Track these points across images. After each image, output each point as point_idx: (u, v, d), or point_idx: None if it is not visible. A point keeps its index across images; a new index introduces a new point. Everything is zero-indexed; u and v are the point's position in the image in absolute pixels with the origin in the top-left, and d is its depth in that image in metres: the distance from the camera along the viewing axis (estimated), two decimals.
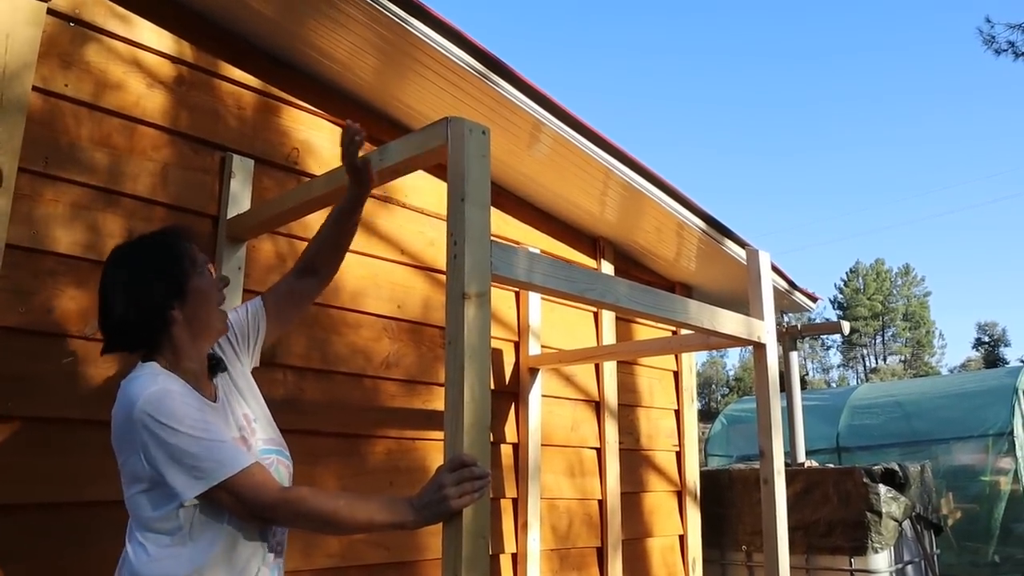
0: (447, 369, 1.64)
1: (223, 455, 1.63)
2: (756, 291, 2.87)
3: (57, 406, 2.17)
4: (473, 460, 1.59)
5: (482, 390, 1.63)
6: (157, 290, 1.70)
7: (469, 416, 1.61)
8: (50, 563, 2.10)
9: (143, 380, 1.68)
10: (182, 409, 1.65)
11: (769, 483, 2.80)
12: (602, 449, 3.91)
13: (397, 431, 2.96)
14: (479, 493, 1.59)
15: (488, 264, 1.72)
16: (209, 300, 1.76)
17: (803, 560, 4.60)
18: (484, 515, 1.61)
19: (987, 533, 9.59)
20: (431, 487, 1.60)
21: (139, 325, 1.71)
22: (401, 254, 3.11)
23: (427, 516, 1.61)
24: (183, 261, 1.74)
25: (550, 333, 3.74)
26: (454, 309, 1.66)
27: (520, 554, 3.39)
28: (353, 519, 1.63)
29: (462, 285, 1.66)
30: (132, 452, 1.64)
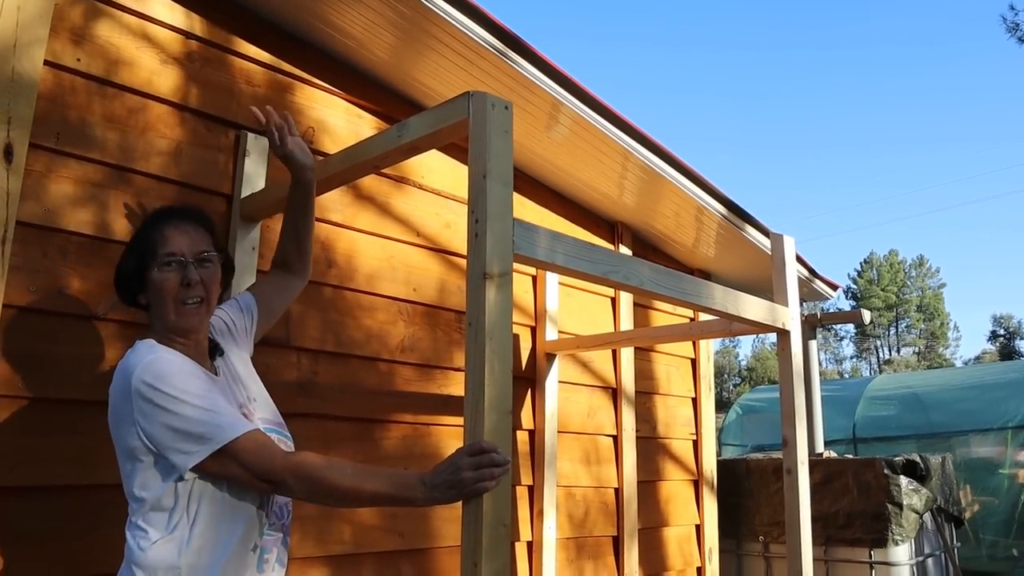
0: (467, 351, 1.59)
1: (224, 420, 1.60)
2: (780, 277, 2.81)
3: (69, 387, 2.13)
4: (494, 447, 1.54)
5: (503, 373, 1.57)
6: (122, 265, 1.78)
7: (490, 400, 1.55)
8: (61, 546, 2.07)
9: (140, 351, 1.67)
10: (181, 376, 1.63)
11: (792, 473, 2.74)
12: (619, 437, 3.86)
13: (412, 416, 2.91)
14: (497, 481, 1.54)
15: (511, 243, 1.66)
16: (162, 302, 1.72)
17: (821, 552, 4.53)
18: (504, 503, 1.56)
19: (1006, 527, 9.49)
20: (447, 467, 1.55)
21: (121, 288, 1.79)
22: (417, 236, 3.05)
23: (438, 495, 1.55)
24: (147, 248, 1.73)
25: (567, 319, 3.68)
26: (475, 289, 1.61)
27: (536, 542, 3.34)
28: (359, 488, 1.59)
29: (483, 264, 1.60)
30: (129, 426, 1.61)
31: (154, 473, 1.63)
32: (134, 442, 1.62)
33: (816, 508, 4.51)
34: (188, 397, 1.60)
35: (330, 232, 2.78)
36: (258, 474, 1.59)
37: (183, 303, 1.72)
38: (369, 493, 1.60)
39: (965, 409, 10.22)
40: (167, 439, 1.58)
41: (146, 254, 1.72)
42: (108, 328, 2.23)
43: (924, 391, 11.07)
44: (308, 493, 1.63)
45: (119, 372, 1.68)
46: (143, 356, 1.65)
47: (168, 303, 1.72)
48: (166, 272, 1.71)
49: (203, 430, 1.58)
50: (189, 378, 1.65)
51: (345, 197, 2.84)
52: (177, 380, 1.62)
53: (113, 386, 1.68)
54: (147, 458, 1.62)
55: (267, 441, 1.63)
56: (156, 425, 1.58)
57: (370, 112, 2.99)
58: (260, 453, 1.60)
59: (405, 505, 1.64)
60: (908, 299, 59.06)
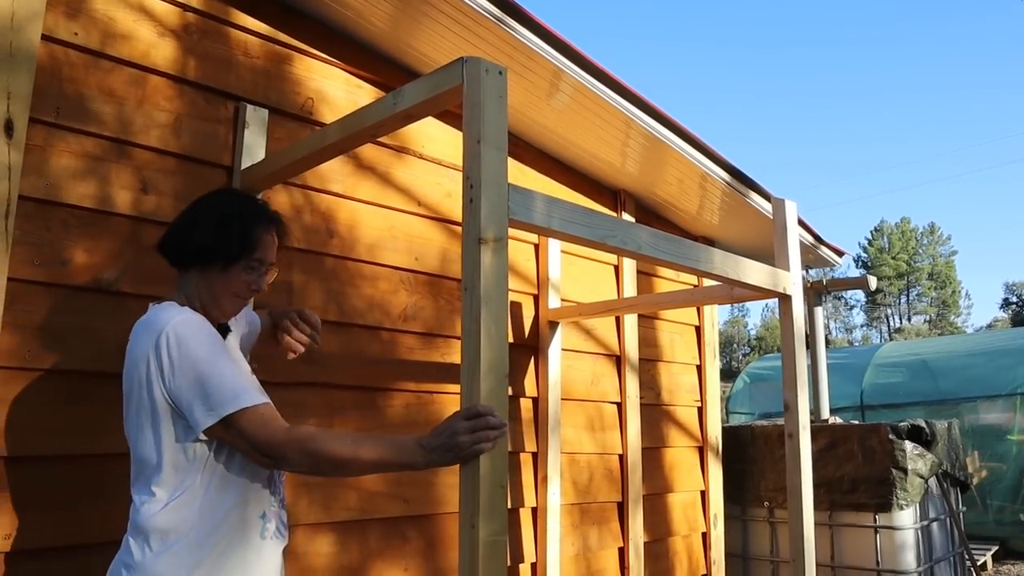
0: (463, 316, 1.60)
1: (241, 388, 1.63)
2: (782, 241, 2.80)
3: (75, 359, 2.15)
4: (489, 410, 1.56)
5: (499, 337, 1.58)
6: (204, 240, 1.77)
7: (486, 364, 1.57)
8: (72, 513, 2.10)
9: (169, 310, 1.72)
10: (207, 337, 1.68)
11: (794, 437, 2.75)
12: (623, 404, 3.88)
13: (415, 384, 2.93)
14: (493, 443, 1.56)
15: (505, 208, 1.66)
16: (224, 292, 1.81)
17: (826, 517, 4.57)
18: (502, 464, 1.58)
19: (1013, 492, 9.52)
20: (444, 430, 1.57)
21: (178, 250, 1.81)
22: (418, 206, 3.06)
23: (437, 459, 1.58)
24: (245, 243, 1.79)
25: (570, 287, 3.69)
26: (470, 254, 1.62)
27: (540, 508, 3.38)
28: (360, 457, 1.61)
29: (479, 230, 1.61)
30: (150, 382, 1.65)
31: (171, 432, 1.66)
32: (154, 399, 1.65)
33: (821, 474, 4.54)
34: (214, 360, 1.64)
35: (331, 203, 2.79)
36: (261, 447, 1.61)
37: (238, 297, 1.84)
38: (370, 461, 1.63)
39: (974, 376, 10.21)
40: (189, 397, 1.62)
41: (242, 248, 1.79)
42: (112, 300, 2.25)
43: (932, 358, 11.05)
44: (311, 466, 1.66)
45: (144, 328, 1.72)
46: (173, 315, 1.70)
47: (229, 295, 1.82)
48: (249, 274, 1.82)
49: (221, 394, 1.61)
50: (216, 344, 1.70)
51: (346, 167, 2.85)
52: (207, 341, 1.67)
53: (134, 343, 1.72)
54: (165, 416, 1.66)
55: (275, 416, 1.66)
56: (181, 381, 1.62)
57: (369, 82, 2.99)
58: (266, 426, 1.62)
59: (405, 470, 1.66)
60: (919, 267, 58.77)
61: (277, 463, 1.65)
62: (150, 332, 1.68)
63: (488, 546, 1.53)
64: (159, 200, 2.37)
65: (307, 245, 2.70)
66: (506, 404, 1.59)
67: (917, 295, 60.09)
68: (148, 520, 1.66)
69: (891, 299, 60.98)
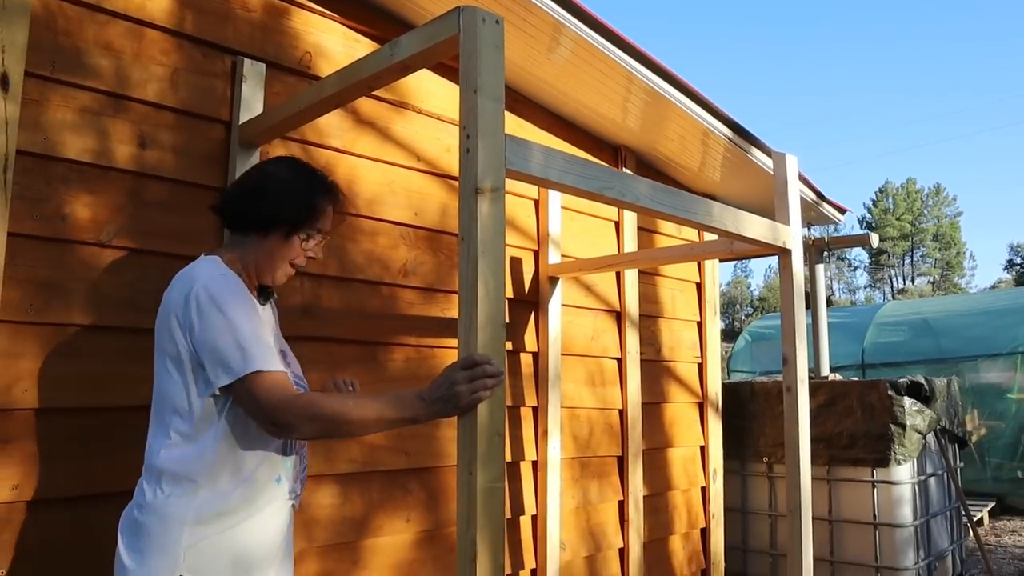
0: (460, 266, 1.61)
1: (260, 353, 1.66)
2: (782, 196, 2.79)
3: (77, 313, 2.17)
4: (486, 359, 1.57)
5: (496, 287, 1.59)
6: (272, 209, 1.83)
7: (483, 314, 1.58)
8: (78, 465, 2.14)
9: (209, 265, 1.77)
10: (241, 300, 1.71)
11: (792, 391, 2.77)
12: (623, 359, 3.90)
13: (416, 339, 2.95)
14: (491, 391, 1.57)
15: (502, 158, 1.66)
16: (284, 257, 1.88)
17: (824, 472, 4.62)
18: (499, 413, 1.60)
19: (1011, 450, 9.59)
20: (442, 382, 1.59)
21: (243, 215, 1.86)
22: (417, 161, 3.05)
23: (437, 410, 1.61)
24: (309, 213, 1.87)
25: (570, 243, 3.69)
26: (467, 205, 1.62)
27: (540, 462, 3.41)
28: (363, 417, 1.64)
29: (475, 180, 1.61)
30: (178, 331, 1.69)
31: (192, 383, 1.70)
32: (179, 348, 1.69)
33: (820, 429, 4.58)
34: (240, 321, 1.67)
35: (330, 158, 2.78)
36: (268, 412, 1.63)
37: (293, 265, 1.91)
38: (373, 419, 1.65)
39: (975, 335, 10.23)
40: (211, 353, 1.65)
41: (306, 218, 1.87)
42: (114, 255, 2.26)
43: (934, 317, 11.07)
44: (319, 432, 1.68)
45: (181, 279, 1.77)
46: (212, 270, 1.75)
47: (283, 262, 1.89)
48: (307, 242, 1.90)
49: (240, 356, 1.64)
50: (247, 305, 1.73)
51: (345, 122, 2.84)
52: (238, 302, 1.70)
53: (171, 291, 1.77)
54: (189, 366, 1.69)
55: (287, 384, 1.68)
56: (206, 335, 1.65)
57: (367, 36, 2.96)
58: (276, 392, 1.64)
59: (409, 424, 1.68)
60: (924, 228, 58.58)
61: (283, 430, 1.66)
62: (185, 283, 1.73)
63: (486, 492, 1.56)
64: (158, 155, 2.36)
65: None
66: (503, 353, 1.60)
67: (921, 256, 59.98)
68: (163, 462, 1.71)
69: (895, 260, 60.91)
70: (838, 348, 9.20)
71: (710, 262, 4.60)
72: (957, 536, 5.29)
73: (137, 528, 1.71)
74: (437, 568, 2.98)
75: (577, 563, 3.62)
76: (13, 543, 2.01)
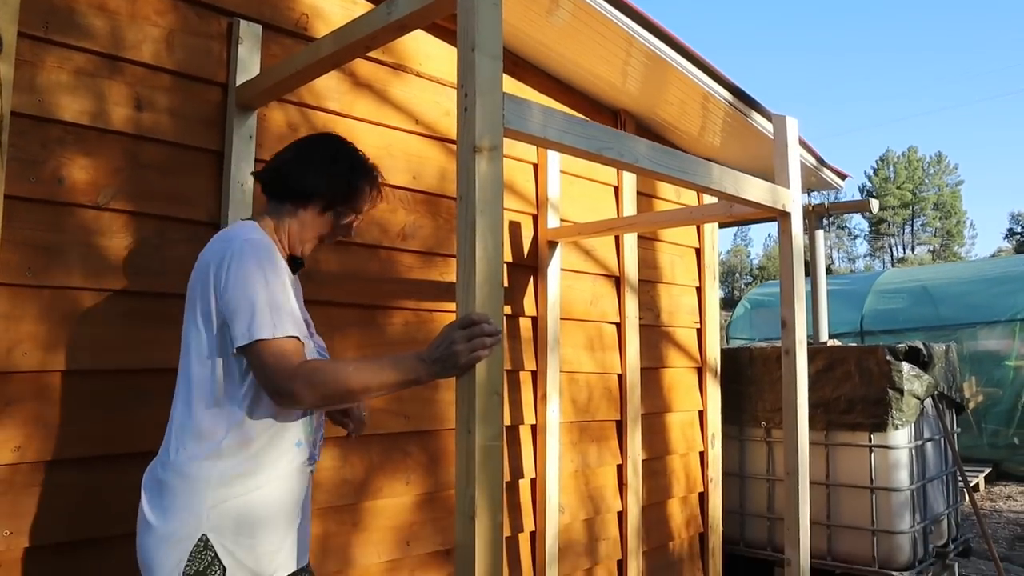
0: (458, 226, 1.60)
1: (269, 318, 1.66)
2: (782, 158, 2.78)
3: (75, 276, 2.17)
4: (484, 317, 1.57)
5: (494, 246, 1.59)
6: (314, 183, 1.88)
7: (481, 273, 1.57)
8: (80, 428, 2.15)
9: (246, 229, 1.81)
10: (267, 263, 1.73)
11: (791, 354, 2.77)
12: (622, 324, 3.91)
13: (415, 303, 2.95)
14: (490, 350, 1.58)
15: (500, 116, 1.65)
16: (316, 231, 1.93)
17: (822, 437, 4.64)
18: (498, 372, 1.60)
19: (1008, 416, 9.66)
20: (441, 342, 1.59)
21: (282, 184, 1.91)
22: (416, 124, 3.03)
23: (437, 371, 1.61)
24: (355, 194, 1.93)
25: (569, 207, 3.68)
26: (465, 164, 1.61)
27: (539, 425, 3.43)
28: (364, 382, 1.65)
29: (473, 138, 1.60)
30: (210, 290, 1.72)
31: (218, 343, 1.73)
32: (209, 306, 1.72)
33: (818, 394, 4.60)
34: (266, 286, 1.69)
35: (328, 120, 2.76)
36: (273, 378, 1.64)
37: (323, 241, 1.97)
38: (376, 384, 1.65)
39: (974, 302, 10.25)
40: (234, 313, 1.67)
41: (344, 197, 1.92)
42: (112, 218, 2.25)
43: (933, 284, 11.08)
44: (321, 398, 1.67)
45: (218, 239, 1.81)
46: (250, 233, 1.79)
47: (314, 236, 1.93)
48: (346, 221, 1.95)
49: (255, 320, 1.65)
50: (274, 272, 1.73)
51: (342, 85, 2.82)
52: (265, 267, 1.72)
53: (207, 250, 1.80)
54: (216, 325, 1.72)
55: (294, 350, 1.67)
56: (232, 295, 1.68)
57: None
58: (283, 359, 1.64)
59: (411, 386, 1.69)
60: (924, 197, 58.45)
61: (286, 399, 1.66)
62: (221, 243, 1.77)
63: (484, 451, 1.56)
64: (155, 117, 2.35)
65: None
66: (501, 313, 1.60)
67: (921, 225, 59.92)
68: (188, 422, 1.74)
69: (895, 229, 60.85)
70: (837, 316, 9.22)
71: (709, 227, 4.59)
72: (953, 501, 5.33)
73: (161, 487, 1.73)
74: (436, 530, 3.01)
75: (576, 526, 3.66)
76: (16, 505, 2.03)
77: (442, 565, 3.04)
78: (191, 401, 1.74)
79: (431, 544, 2.99)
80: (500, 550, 1.57)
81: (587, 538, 3.71)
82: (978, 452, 9.60)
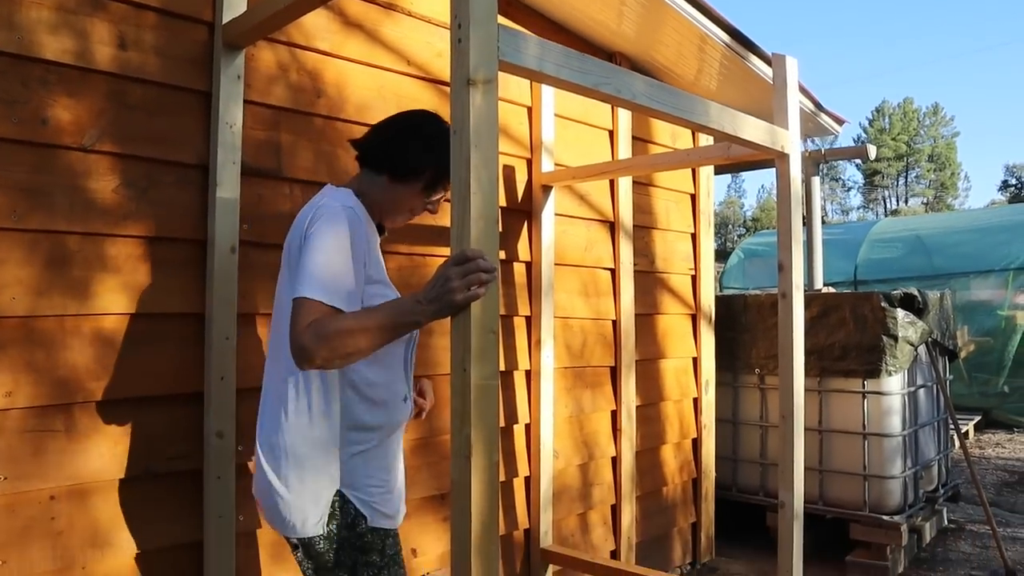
0: (452, 160, 1.56)
1: (315, 281, 1.70)
2: (781, 99, 2.73)
3: (63, 219, 2.13)
4: (479, 254, 1.54)
5: (489, 180, 1.55)
6: (418, 160, 1.93)
7: (476, 208, 1.54)
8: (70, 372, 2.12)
9: (339, 196, 1.88)
10: (342, 233, 1.77)
11: (787, 297, 2.76)
12: (616, 270, 3.88)
13: (408, 247, 2.92)
14: (486, 287, 1.55)
15: (495, 48, 1.60)
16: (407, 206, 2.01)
17: (816, 383, 4.65)
18: (493, 309, 1.58)
19: (999, 365, 9.73)
20: (436, 280, 1.57)
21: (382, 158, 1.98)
22: (408, 65, 2.97)
23: (435, 310, 1.59)
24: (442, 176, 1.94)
25: (563, 152, 3.63)
26: (459, 96, 1.56)
27: (534, 371, 3.43)
28: (366, 328, 1.65)
29: (467, 71, 1.55)
30: (297, 251, 1.80)
31: None
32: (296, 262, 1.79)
33: (812, 341, 4.60)
34: (332, 251, 1.74)
35: (318, 61, 2.70)
36: (292, 336, 1.66)
37: (413, 213, 2.05)
38: (377, 329, 1.65)
39: (967, 252, 10.26)
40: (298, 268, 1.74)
41: (440, 177, 1.96)
42: (98, 159, 2.20)
43: (927, 234, 11.07)
44: (329, 352, 1.64)
45: (312, 203, 1.90)
46: (336, 201, 1.84)
47: (405, 210, 2.02)
48: (434, 200, 2.02)
49: (304, 279, 1.70)
50: (345, 241, 1.77)
51: (333, 24, 2.75)
52: (339, 235, 1.77)
53: (302, 211, 1.90)
54: None
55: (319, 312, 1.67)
56: (303, 253, 1.74)
57: None
58: (303, 319, 1.66)
59: (411, 328, 1.69)
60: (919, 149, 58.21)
61: (297, 355, 1.66)
62: (314, 207, 1.85)
63: (480, 389, 1.55)
64: (140, 56, 2.28)
65: (294, 105, 2.63)
66: (496, 249, 1.57)
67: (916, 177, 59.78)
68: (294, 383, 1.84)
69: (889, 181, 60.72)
70: (831, 265, 9.21)
71: (705, 173, 4.55)
72: (943, 447, 5.38)
73: (284, 452, 1.83)
74: (432, 475, 3.01)
75: (570, 471, 3.68)
76: (7, 449, 2.01)
77: (438, 509, 3.05)
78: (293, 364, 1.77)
79: (426, 489, 3.00)
80: (496, 489, 1.56)
81: (581, 483, 3.74)
82: (968, 400, 9.68)
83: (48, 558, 2.05)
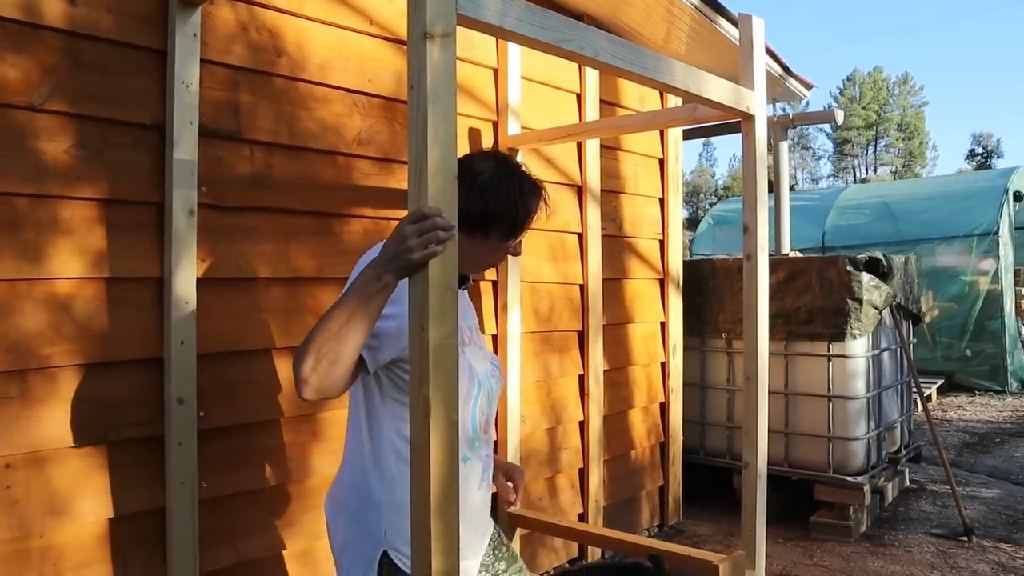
0: (409, 116, 1.52)
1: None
2: (747, 59, 2.71)
3: (13, 181, 2.06)
4: (436, 211, 1.51)
5: (447, 135, 1.52)
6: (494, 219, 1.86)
7: (433, 164, 1.51)
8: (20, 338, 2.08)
9: None
10: None
11: (752, 259, 2.75)
12: (584, 234, 3.87)
13: (373, 210, 2.88)
14: (443, 246, 1.52)
15: (453, 1, 1.56)
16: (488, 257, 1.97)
17: (782, 347, 4.69)
18: (452, 268, 1.55)
19: (962, 330, 9.89)
20: (394, 239, 1.53)
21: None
22: (370, 24, 2.91)
23: (394, 271, 1.56)
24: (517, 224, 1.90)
25: (530, 114, 3.59)
26: (416, 51, 1.52)
27: (500, 335, 3.41)
28: (336, 315, 1.60)
29: (424, 24, 1.51)
30: None
31: None
32: None
33: (779, 305, 4.63)
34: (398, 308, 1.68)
35: (277, 19, 2.64)
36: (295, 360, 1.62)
37: (484, 268, 2.05)
38: (349, 310, 1.60)
39: (933, 218, 10.38)
40: None
41: (516, 228, 1.91)
42: (48, 119, 2.14)
43: (894, 200, 11.18)
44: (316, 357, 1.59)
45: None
46: None
47: (484, 260, 1.97)
48: (505, 248, 1.96)
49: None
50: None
51: None
52: None
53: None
54: None
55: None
56: None
57: None
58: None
59: (383, 293, 1.61)
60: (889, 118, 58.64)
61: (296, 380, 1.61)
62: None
63: (438, 349, 1.52)
64: (91, 13, 2.21)
65: (254, 64, 2.57)
66: (455, 206, 1.54)
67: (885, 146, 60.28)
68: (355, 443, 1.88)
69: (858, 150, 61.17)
70: (799, 231, 9.27)
71: (673, 137, 4.54)
72: (907, 409, 5.46)
73: (341, 506, 1.89)
74: None
75: (538, 435, 3.68)
76: None
77: None
78: (359, 424, 1.85)
79: None
80: (455, 449, 1.54)
81: (549, 447, 3.75)
82: (932, 364, 9.85)
83: (4, 527, 2.02)
